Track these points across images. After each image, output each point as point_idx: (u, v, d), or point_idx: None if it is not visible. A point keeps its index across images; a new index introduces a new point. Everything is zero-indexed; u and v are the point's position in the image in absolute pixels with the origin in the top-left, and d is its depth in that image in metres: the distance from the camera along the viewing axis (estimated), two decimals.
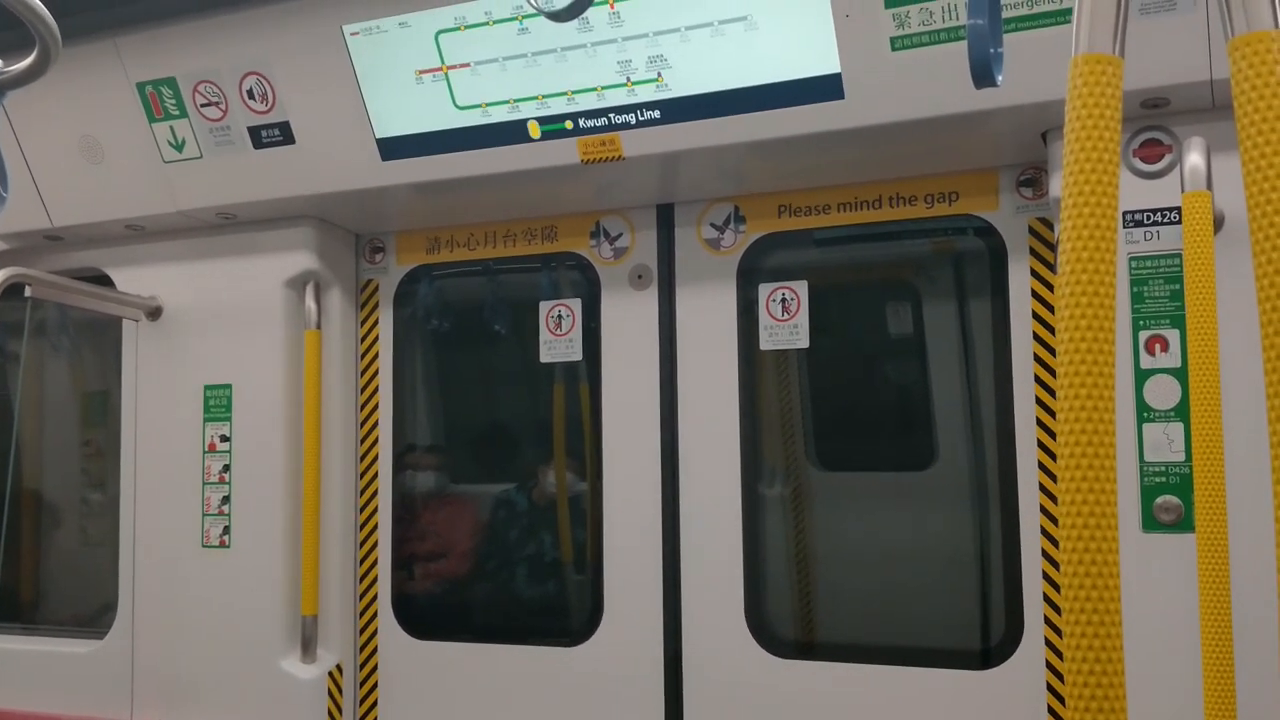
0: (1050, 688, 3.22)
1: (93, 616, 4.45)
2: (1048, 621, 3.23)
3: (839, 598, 3.92)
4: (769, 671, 3.59)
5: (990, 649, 3.45)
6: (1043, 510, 3.27)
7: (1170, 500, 2.80)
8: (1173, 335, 2.83)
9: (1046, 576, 3.24)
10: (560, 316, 3.97)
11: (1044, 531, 3.26)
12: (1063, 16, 2.73)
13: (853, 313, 4.10)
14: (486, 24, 3.26)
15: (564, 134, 3.34)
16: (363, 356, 4.22)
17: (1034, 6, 2.74)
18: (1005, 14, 2.71)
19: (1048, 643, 3.24)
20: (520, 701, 3.87)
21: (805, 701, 3.53)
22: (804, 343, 3.67)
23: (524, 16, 3.21)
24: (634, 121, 3.26)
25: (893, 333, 4.06)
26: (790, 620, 3.89)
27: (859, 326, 4.12)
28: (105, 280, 4.19)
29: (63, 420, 4.95)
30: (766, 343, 3.71)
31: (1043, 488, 3.27)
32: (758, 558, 3.70)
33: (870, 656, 3.51)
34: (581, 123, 3.32)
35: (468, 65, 3.35)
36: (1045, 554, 3.25)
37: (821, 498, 4.02)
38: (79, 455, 4.90)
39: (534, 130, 3.37)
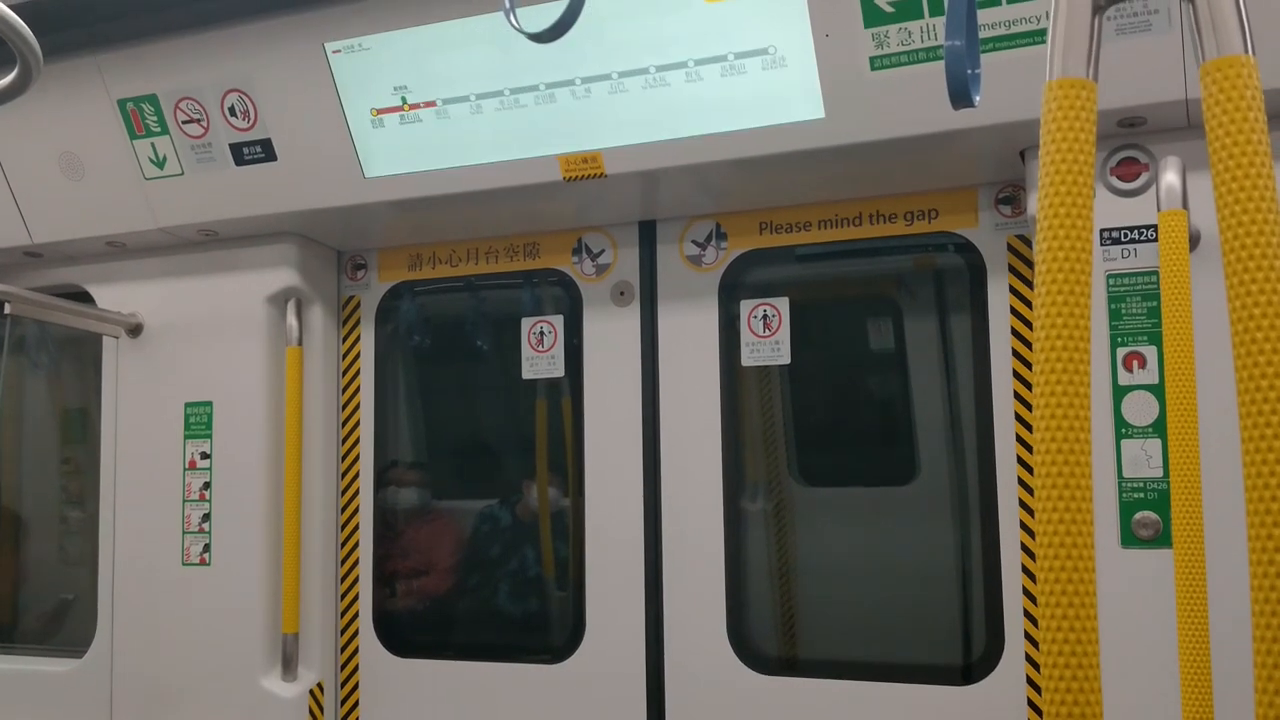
0: (1031, 703, 3.23)
1: (71, 635, 4.42)
2: (1028, 637, 3.25)
3: (821, 613, 3.93)
4: (751, 687, 3.59)
5: (972, 664, 3.46)
6: (1022, 525, 3.29)
7: (1148, 516, 2.82)
8: (1150, 352, 2.86)
9: (1026, 592, 3.26)
10: (542, 333, 3.97)
11: (1024, 547, 3.27)
12: (1039, 37, 2.76)
13: (834, 329, 4.11)
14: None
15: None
16: (344, 373, 4.21)
17: (1011, 27, 2.76)
18: (982, 35, 2.73)
19: (1028, 658, 3.25)
20: (502, 719, 3.86)
21: (788, 717, 3.53)
22: (785, 359, 3.69)
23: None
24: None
25: (874, 349, 4.08)
26: (773, 636, 3.89)
27: (840, 343, 4.14)
28: (85, 297, 4.17)
29: (42, 437, 4.92)
30: (748, 359, 3.72)
31: (1022, 503, 3.29)
32: (740, 573, 3.71)
33: (853, 672, 3.52)
34: None
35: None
36: (1025, 569, 3.27)
37: (804, 513, 4.03)
38: (58, 472, 4.87)
39: None
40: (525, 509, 4.25)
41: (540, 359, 3.98)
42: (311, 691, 3.91)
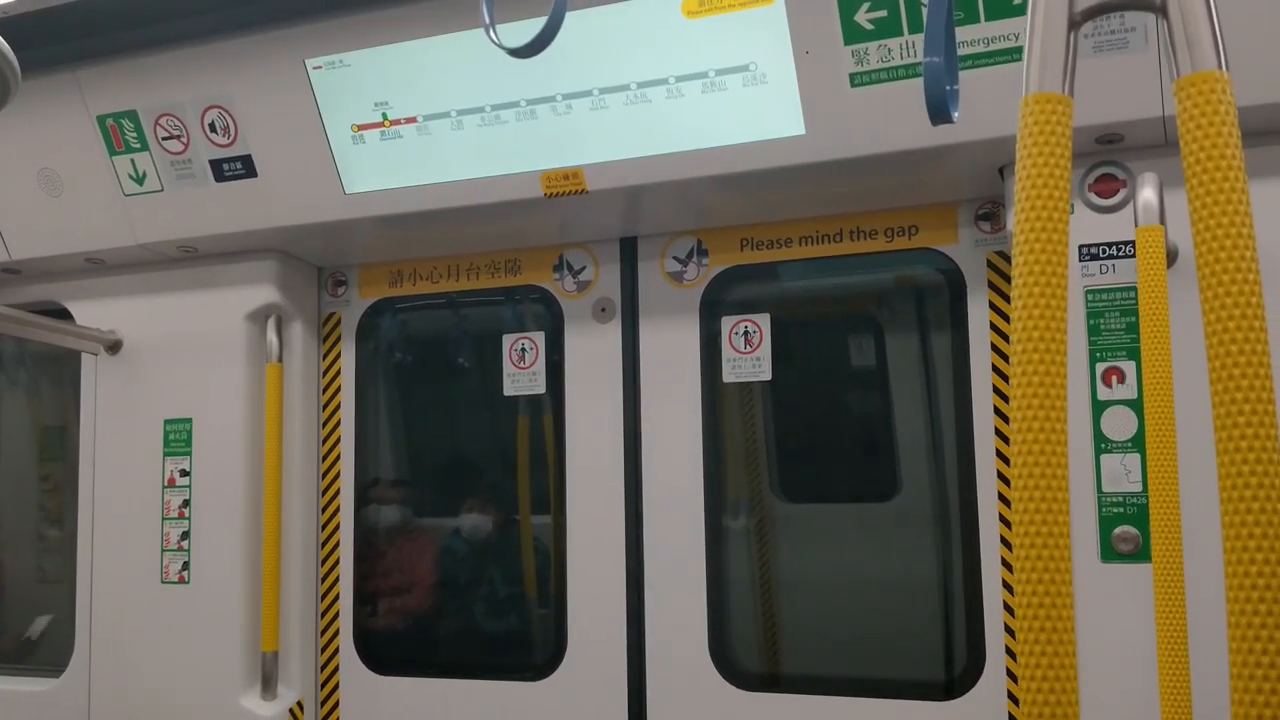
0: (1012, 718, 3.23)
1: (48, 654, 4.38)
2: (1009, 652, 3.25)
3: (803, 630, 3.92)
4: (733, 704, 3.58)
5: (953, 679, 3.46)
6: (1003, 541, 3.29)
7: (1128, 530, 2.83)
8: (1129, 367, 2.87)
9: (1007, 607, 3.26)
10: (523, 349, 3.97)
11: (1004, 562, 3.28)
12: (1017, 54, 2.78)
13: (815, 345, 4.12)
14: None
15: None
16: (325, 390, 4.20)
17: (990, 45, 2.78)
18: (961, 52, 2.75)
19: (1009, 673, 3.25)
20: None
21: None
22: (766, 375, 3.69)
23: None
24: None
25: (855, 365, 4.09)
26: (754, 652, 3.88)
27: (821, 359, 4.14)
28: (64, 314, 4.15)
29: (20, 455, 4.88)
30: (729, 375, 3.72)
31: (1003, 518, 3.30)
32: (722, 590, 3.70)
33: (835, 688, 3.51)
34: None
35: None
36: (1006, 585, 3.27)
37: (785, 529, 4.02)
38: (37, 490, 4.83)
39: None
40: (505, 527, 4.23)
41: (522, 375, 3.97)
42: (291, 710, 3.88)
